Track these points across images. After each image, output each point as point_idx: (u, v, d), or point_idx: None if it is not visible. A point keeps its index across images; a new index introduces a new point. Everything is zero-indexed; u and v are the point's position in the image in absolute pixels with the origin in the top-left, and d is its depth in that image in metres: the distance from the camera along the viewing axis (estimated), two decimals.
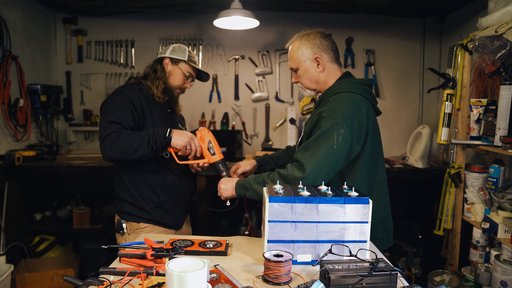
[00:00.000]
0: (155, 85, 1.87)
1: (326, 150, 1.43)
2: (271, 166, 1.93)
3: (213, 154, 1.79)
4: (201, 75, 2.02)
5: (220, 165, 1.79)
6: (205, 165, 1.82)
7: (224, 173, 1.78)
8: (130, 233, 1.86)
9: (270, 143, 3.49)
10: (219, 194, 1.64)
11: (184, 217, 2.02)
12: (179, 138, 1.71)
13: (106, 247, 1.50)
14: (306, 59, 1.62)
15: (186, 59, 1.90)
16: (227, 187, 1.61)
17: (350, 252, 1.10)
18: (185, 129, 2.07)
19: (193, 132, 1.83)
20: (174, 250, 1.22)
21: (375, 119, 1.60)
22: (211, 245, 1.37)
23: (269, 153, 2.07)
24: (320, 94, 1.67)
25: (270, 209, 1.19)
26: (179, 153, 1.75)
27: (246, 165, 1.90)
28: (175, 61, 1.91)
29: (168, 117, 1.95)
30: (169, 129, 1.72)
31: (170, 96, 1.92)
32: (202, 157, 1.80)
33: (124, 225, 1.85)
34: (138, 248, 1.30)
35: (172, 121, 1.97)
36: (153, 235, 1.61)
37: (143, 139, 1.68)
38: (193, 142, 1.74)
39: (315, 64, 1.62)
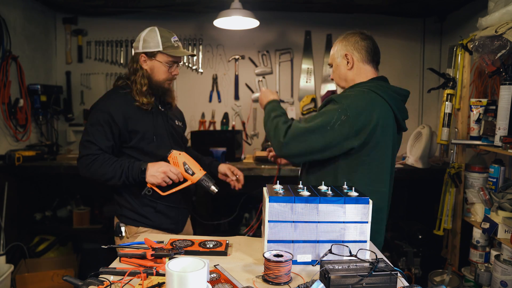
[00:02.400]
0: (136, 89, 1.74)
1: (317, 126, 1.44)
2: None
3: (193, 174, 1.72)
4: None
5: (203, 181, 1.72)
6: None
7: (212, 187, 1.73)
8: (129, 237, 1.82)
9: (270, 143, 3.48)
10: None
11: (185, 220, 1.98)
12: (154, 177, 1.66)
13: (106, 247, 1.50)
14: (339, 55, 1.66)
15: (161, 48, 1.72)
16: (265, 98, 1.80)
17: (350, 252, 1.10)
18: (184, 124, 2.00)
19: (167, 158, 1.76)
20: (174, 250, 1.23)
21: (391, 130, 1.53)
22: (211, 245, 1.37)
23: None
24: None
25: (270, 209, 1.19)
26: (162, 185, 1.70)
27: None
28: (151, 55, 1.74)
29: (161, 119, 1.83)
30: (142, 167, 1.66)
31: (160, 93, 1.81)
32: (185, 180, 1.74)
33: (123, 229, 1.82)
34: (138, 248, 1.30)
35: (166, 123, 1.86)
36: (153, 235, 1.61)
37: (116, 172, 1.66)
38: (170, 173, 1.67)
39: (345, 61, 1.63)
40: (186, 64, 3.48)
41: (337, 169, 1.52)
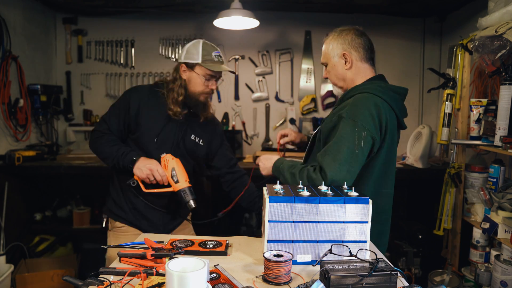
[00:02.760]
0: (172, 98, 1.77)
1: (347, 154, 1.37)
2: None
3: (177, 182, 1.70)
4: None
5: (183, 193, 1.70)
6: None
7: (191, 202, 1.70)
8: (111, 230, 1.89)
9: (270, 143, 3.48)
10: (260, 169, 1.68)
11: (171, 226, 1.92)
12: (140, 170, 1.69)
13: (106, 247, 1.50)
14: (335, 54, 1.58)
15: (200, 61, 1.74)
16: (265, 166, 1.64)
17: (350, 252, 1.10)
18: (202, 142, 1.91)
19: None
20: (174, 250, 1.23)
21: (395, 132, 1.53)
22: (211, 245, 1.37)
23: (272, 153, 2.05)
24: (344, 90, 1.63)
25: (270, 209, 1.19)
26: (146, 181, 1.72)
27: (295, 137, 1.88)
28: (190, 66, 1.76)
29: (175, 127, 1.82)
30: (134, 158, 1.71)
31: (193, 104, 1.82)
32: (168, 185, 1.72)
33: (104, 219, 1.90)
34: (138, 248, 1.30)
35: (178, 132, 1.82)
36: (152, 235, 1.60)
37: (111, 154, 1.75)
38: (156, 172, 1.69)
39: (342, 61, 1.57)
40: None
41: None
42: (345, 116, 1.42)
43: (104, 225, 1.90)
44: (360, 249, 1.12)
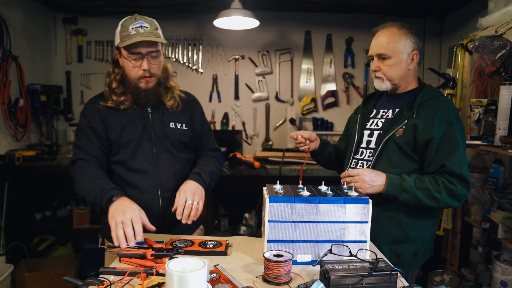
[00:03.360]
0: (106, 93, 1.56)
1: (465, 155, 1.47)
2: (329, 150, 1.82)
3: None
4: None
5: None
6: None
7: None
8: (107, 250, 1.61)
9: (270, 143, 3.49)
10: (358, 187, 1.39)
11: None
12: (112, 216, 1.33)
13: (106, 247, 1.49)
14: (405, 51, 1.55)
15: (119, 41, 1.46)
16: (375, 183, 1.42)
17: (350, 252, 1.10)
18: (185, 126, 1.64)
19: None
20: (174, 250, 1.23)
21: None
22: (211, 245, 1.37)
23: (274, 154, 2.02)
24: (395, 89, 1.61)
25: (270, 209, 1.19)
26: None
27: (314, 143, 1.73)
28: (118, 51, 1.51)
29: (149, 123, 1.57)
30: (114, 196, 1.37)
31: (138, 93, 1.53)
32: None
33: (100, 240, 1.54)
34: (138, 248, 1.29)
35: (160, 125, 1.58)
36: (152, 235, 1.60)
37: (89, 193, 1.43)
38: (127, 226, 1.29)
39: (409, 60, 1.56)
40: (186, 64, 3.48)
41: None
42: (454, 121, 1.47)
43: (100, 246, 1.61)
44: (360, 249, 1.12)
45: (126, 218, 1.28)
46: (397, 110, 1.59)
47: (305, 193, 1.21)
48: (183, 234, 1.55)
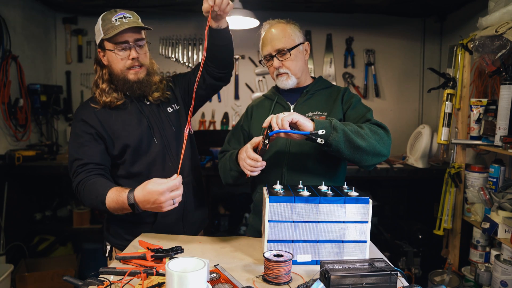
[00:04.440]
0: (95, 92, 1.50)
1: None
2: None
3: None
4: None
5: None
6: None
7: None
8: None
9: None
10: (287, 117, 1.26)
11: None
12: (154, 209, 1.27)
13: (114, 255, 1.48)
14: (300, 43, 1.56)
15: (102, 34, 1.42)
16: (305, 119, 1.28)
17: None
18: (177, 105, 1.62)
19: None
20: (174, 250, 1.22)
21: None
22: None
23: None
24: (296, 84, 1.56)
25: (270, 209, 1.19)
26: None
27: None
28: (101, 47, 1.46)
29: (158, 119, 1.55)
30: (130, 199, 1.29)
31: (129, 86, 1.48)
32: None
33: (107, 248, 1.60)
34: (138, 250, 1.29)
35: (163, 116, 1.56)
36: (152, 235, 1.60)
37: (98, 201, 1.34)
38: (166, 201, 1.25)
39: (304, 51, 1.60)
40: (186, 64, 3.48)
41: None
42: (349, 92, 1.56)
43: (107, 254, 1.59)
44: (360, 249, 1.12)
45: (164, 199, 1.23)
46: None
47: (305, 193, 1.21)
48: (188, 234, 1.55)
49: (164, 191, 1.22)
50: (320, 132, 1.24)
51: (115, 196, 1.32)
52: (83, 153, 1.44)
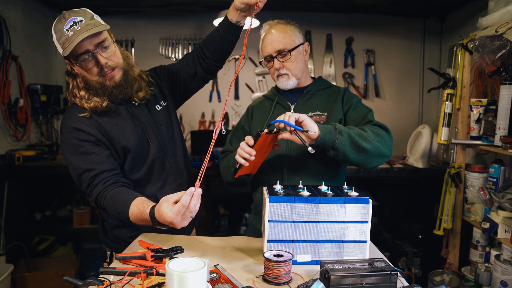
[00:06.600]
0: (74, 101, 1.42)
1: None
2: None
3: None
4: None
5: None
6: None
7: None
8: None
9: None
10: (302, 119, 1.27)
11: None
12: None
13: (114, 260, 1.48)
14: (300, 43, 1.59)
15: (61, 50, 1.34)
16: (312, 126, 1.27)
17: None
18: (164, 101, 1.58)
19: None
20: (174, 250, 1.22)
21: None
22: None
23: None
24: (296, 85, 1.57)
25: (270, 209, 1.19)
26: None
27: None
28: (69, 60, 1.39)
29: (137, 120, 1.47)
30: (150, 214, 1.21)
31: (108, 93, 1.39)
32: None
33: (107, 253, 1.55)
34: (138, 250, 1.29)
35: (156, 116, 1.52)
36: (152, 235, 1.60)
37: (123, 217, 1.28)
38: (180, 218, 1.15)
39: (304, 51, 1.62)
40: None
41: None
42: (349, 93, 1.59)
43: (108, 259, 1.55)
44: (360, 249, 1.12)
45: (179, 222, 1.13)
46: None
47: (305, 193, 1.21)
48: (185, 230, 1.47)
49: (172, 219, 1.11)
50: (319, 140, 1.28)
51: (139, 215, 1.24)
52: (91, 162, 1.33)
